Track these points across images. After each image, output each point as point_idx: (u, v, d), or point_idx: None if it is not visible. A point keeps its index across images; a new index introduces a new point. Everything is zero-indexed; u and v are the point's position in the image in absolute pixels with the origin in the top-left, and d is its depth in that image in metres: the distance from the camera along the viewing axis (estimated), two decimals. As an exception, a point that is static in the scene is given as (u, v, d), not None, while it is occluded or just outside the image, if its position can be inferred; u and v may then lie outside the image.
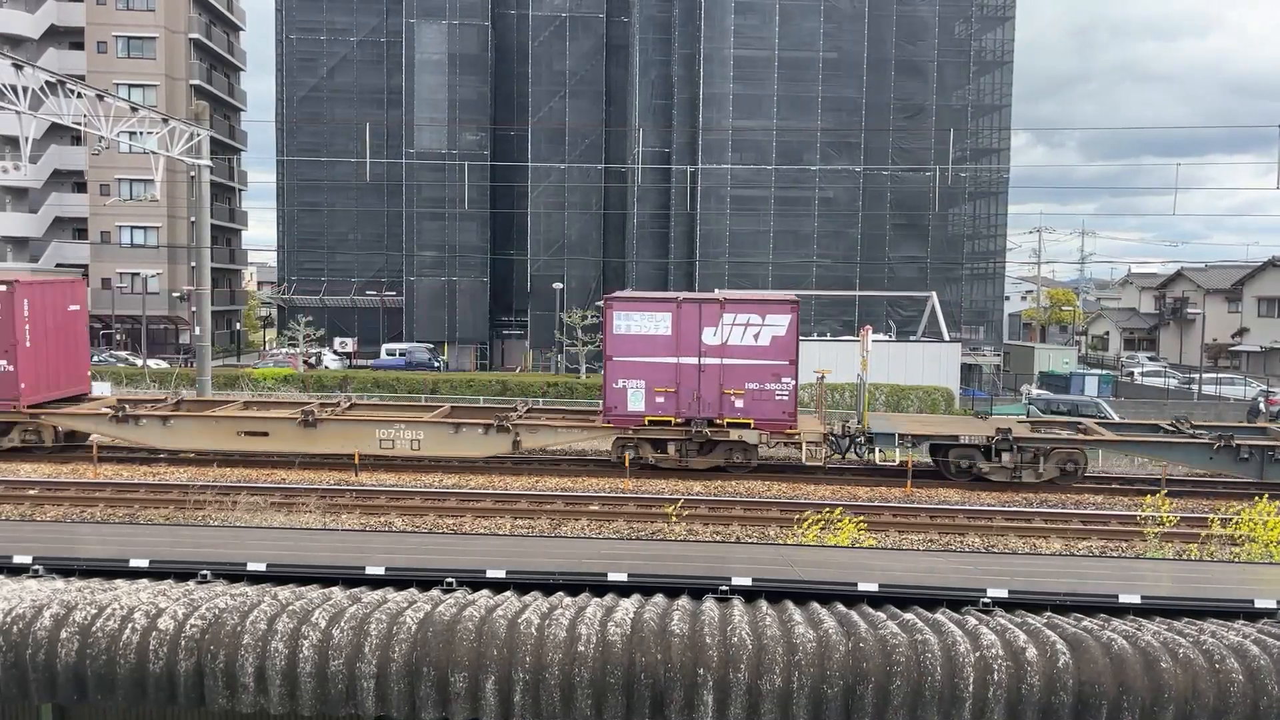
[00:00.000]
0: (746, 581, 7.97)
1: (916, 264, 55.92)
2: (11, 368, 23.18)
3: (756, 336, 22.55)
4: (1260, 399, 44.63)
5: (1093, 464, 23.09)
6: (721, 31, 53.64)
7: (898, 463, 23.24)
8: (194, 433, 23.38)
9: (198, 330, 33.21)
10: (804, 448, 22.91)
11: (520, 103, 60.56)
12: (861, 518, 17.71)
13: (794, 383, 22.70)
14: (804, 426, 23.19)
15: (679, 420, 22.84)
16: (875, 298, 52.52)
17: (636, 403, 22.77)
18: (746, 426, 22.75)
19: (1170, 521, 18.11)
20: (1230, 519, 17.80)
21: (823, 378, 25.05)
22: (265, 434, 23.11)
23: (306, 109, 62.13)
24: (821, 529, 16.23)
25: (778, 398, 22.65)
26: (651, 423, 22.89)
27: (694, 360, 22.62)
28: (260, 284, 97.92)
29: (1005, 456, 22.39)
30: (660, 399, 22.73)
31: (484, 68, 60.03)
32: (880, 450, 23.08)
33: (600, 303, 25.29)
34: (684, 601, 7.65)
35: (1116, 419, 29.24)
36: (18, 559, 8.33)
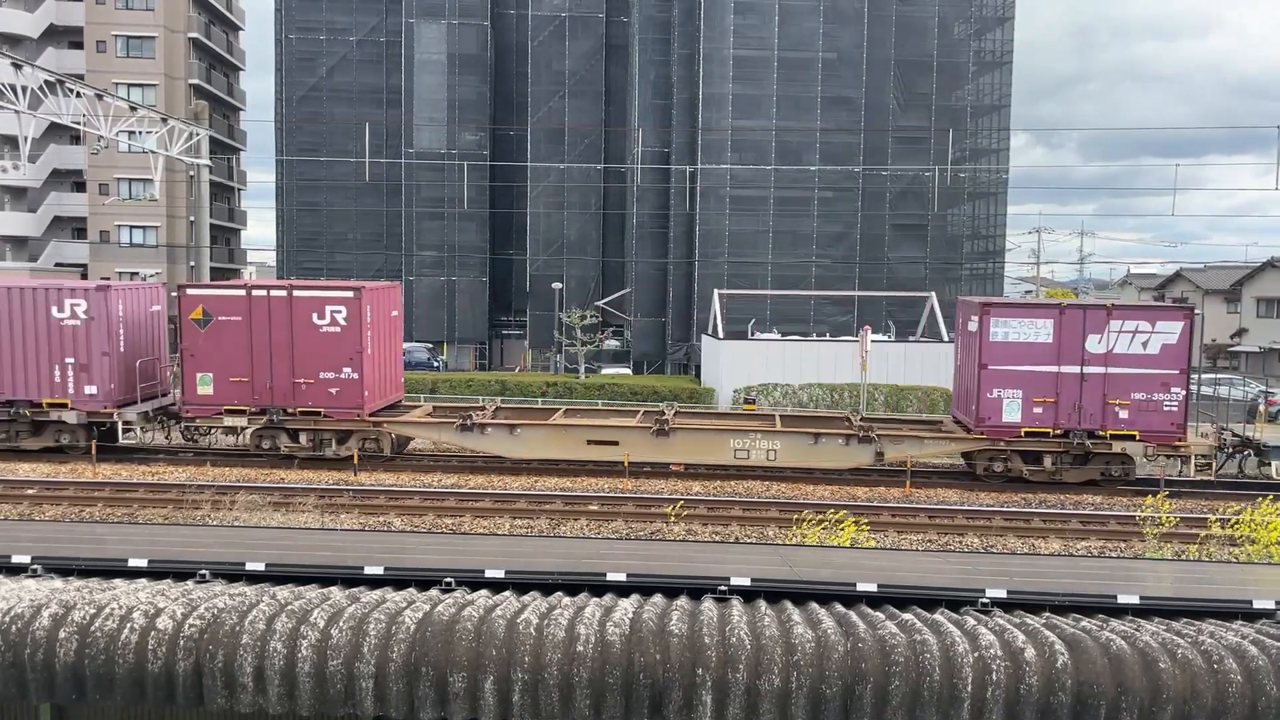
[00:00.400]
0: (745, 582, 7.97)
1: (916, 264, 55.89)
2: (356, 375, 23.03)
3: (1145, 345, 21.87)
4: (1259, 399, 44.62)
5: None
6: (721, 31, 53.62)
7: None
8: (541, 441, 23.15)
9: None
10: (1193, 461, 22.48)
11: (519, 102, 60.54)
12: (861, 518, 17.72)
13: (1184, 393, 22.01)
14: (1190, 438, 22.64)
15: (1057, 431, 22.28)
16: (874, 298, 52.52)
17: (1013, 413, 22.18)
18: (1131, 439, 22.17)
19: (1170, 522, 18.10)
20: (1229, 520, 17.81)
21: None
22: (615, 443, 22.87)
23: (306, 108, 62.07)
24: (822, 529, 16.24)
25: (1166, 408, 21.95)
26: (1028, 434, 22.38)
27: (1076, 369, 21.98)
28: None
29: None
30: (1038, 409, 22.19)
31: (483, 67, 60.00)
32: (1274, 463, 22.82)
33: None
34: (683, 602, 7.65)
35: None
36: (16, 559, 8.32)
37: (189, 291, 23.67)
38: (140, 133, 30.92)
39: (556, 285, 56.36)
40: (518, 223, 61.19)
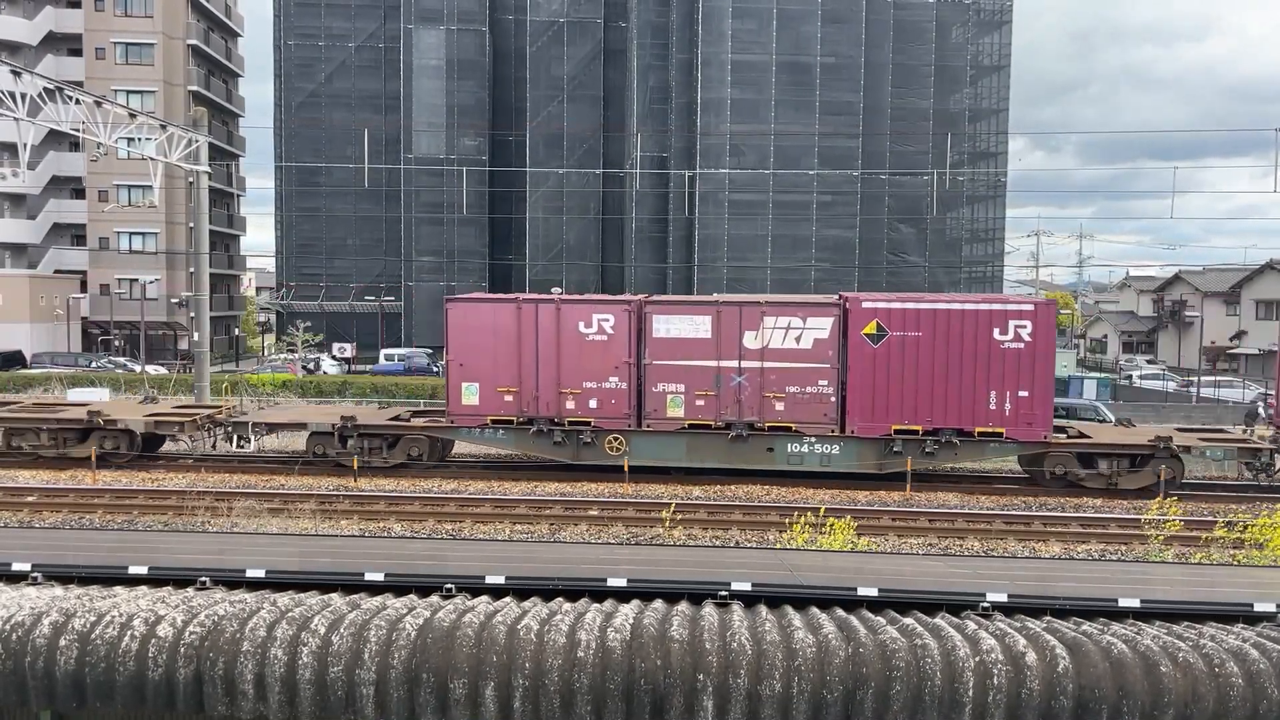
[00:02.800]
0: (746, 586, 7.97)
1: (915, 267, 55.98)
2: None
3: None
4: (1259, 402, 44.62)
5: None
6: (719, 36, 53.72)
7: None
8: None
9: (196, 336, 33.20)
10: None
11: (518, 107, 60.61)
12: (859, 521, 17.72)
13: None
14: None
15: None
16: (873, 302, 52.55)
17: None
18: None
19: (1175, 526, 18.08)
20: (1234, 523, 17.80)
21: None
22: None
23: (305, 114, 62.13)
24: (815, 530, 16.24)
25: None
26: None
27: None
28: (259, 289, 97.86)
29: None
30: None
31: (482, 73, 60.08)
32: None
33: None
34: (683, 607, 7.65)
35: (1114, 421, 29.17)
36: (16, 566, 8.32)
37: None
38: (139, 139, 30.96)
39: (556, 290, 56.34)
40: (517, 227, 61.23)
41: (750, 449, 22.84)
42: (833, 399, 22.51)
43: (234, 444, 24.52)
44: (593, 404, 22.92)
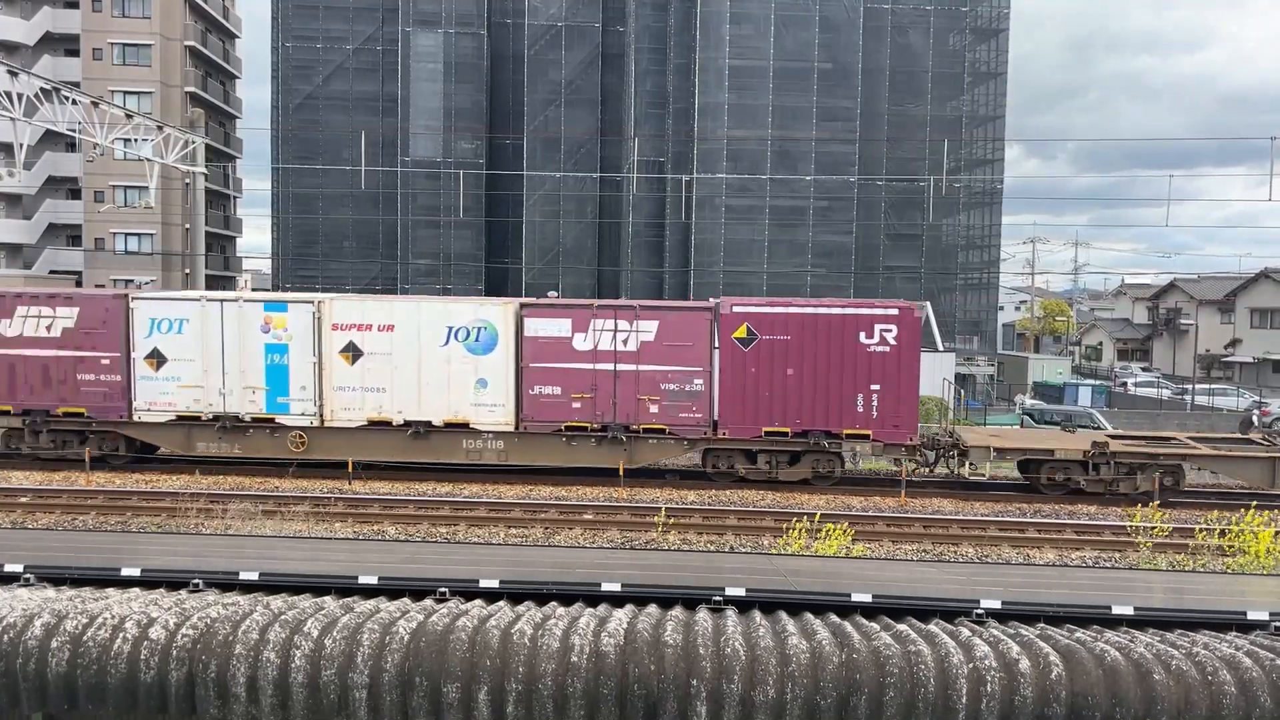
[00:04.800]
0: (740, 592, 7.97)
1: (910, 274, 56.05)
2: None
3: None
4: (1253, 410, 44.72)
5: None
6: (716, 41, 53.80)
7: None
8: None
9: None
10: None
11: (516, 111, 60.62)
12: (854, 527, 17.73)
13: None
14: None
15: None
16: (869, 307, 52.59)
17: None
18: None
19: (1163, 532, 18.12)
20: (1216, 529, 17.84)
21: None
22: None
23: (302, 116, 62.08)
24: (809, 536, 16.24)
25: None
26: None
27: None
28: (255, 291, 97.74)
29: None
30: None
31: (480, 76, 60.10)
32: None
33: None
34: (677, 612, 7.64)
35: (1109, 429, 29.24)
36: (9, 567, 8.30)
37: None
38: (136, 140, 30.92)
39: (552, 293, 56.38)
40: (514, 231, 61.23)
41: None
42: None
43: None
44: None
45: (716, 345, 22.70)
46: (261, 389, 23.37)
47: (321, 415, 23.38)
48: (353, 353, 23.23)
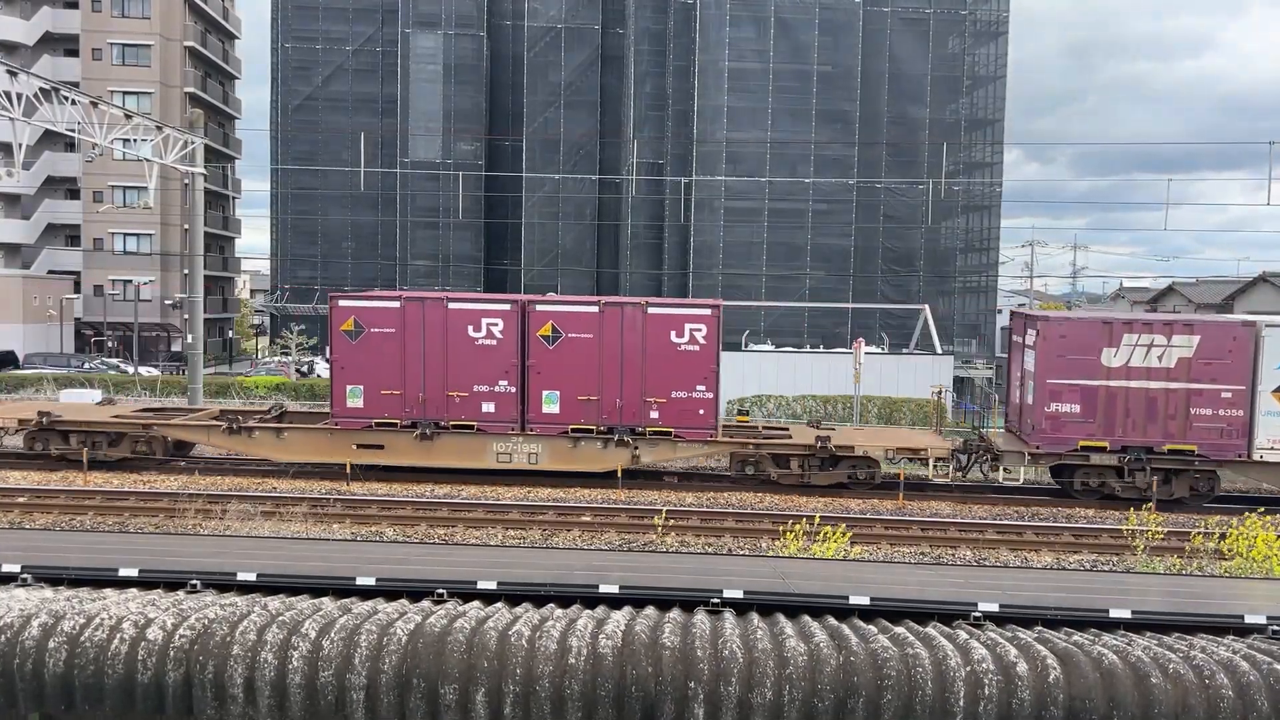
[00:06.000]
0: (738, 594, 7.96)
1: (909, 277, 56.07)
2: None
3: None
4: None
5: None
6: (716, 43, 53.85)
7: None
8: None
9: (190, 338, 33.12)
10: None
11: (515, 113, 60.63)
12: (852, 529, 17.73)
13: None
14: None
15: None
16: (868, 310, 52.62)
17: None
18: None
19: (1158, 535, 18.13)
20: (1214, 533, 17.85)
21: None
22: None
23: (301, 117, 62.09)
24: (808, 538, 16.25)
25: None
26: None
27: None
28: (253, 292, 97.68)
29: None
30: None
31: (479, 77, 60.12)
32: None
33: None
34: (675, 614, 7.64)
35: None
36: (6, 567, 8.29)
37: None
38: (135, 140, 30.92)
39: (551, 294, 56.39)
40: (513, 233, 61.24)
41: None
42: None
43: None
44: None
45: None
46: None
47: None
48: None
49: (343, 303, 23.53)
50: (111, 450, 23.81)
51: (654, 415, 22.90)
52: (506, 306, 23.18)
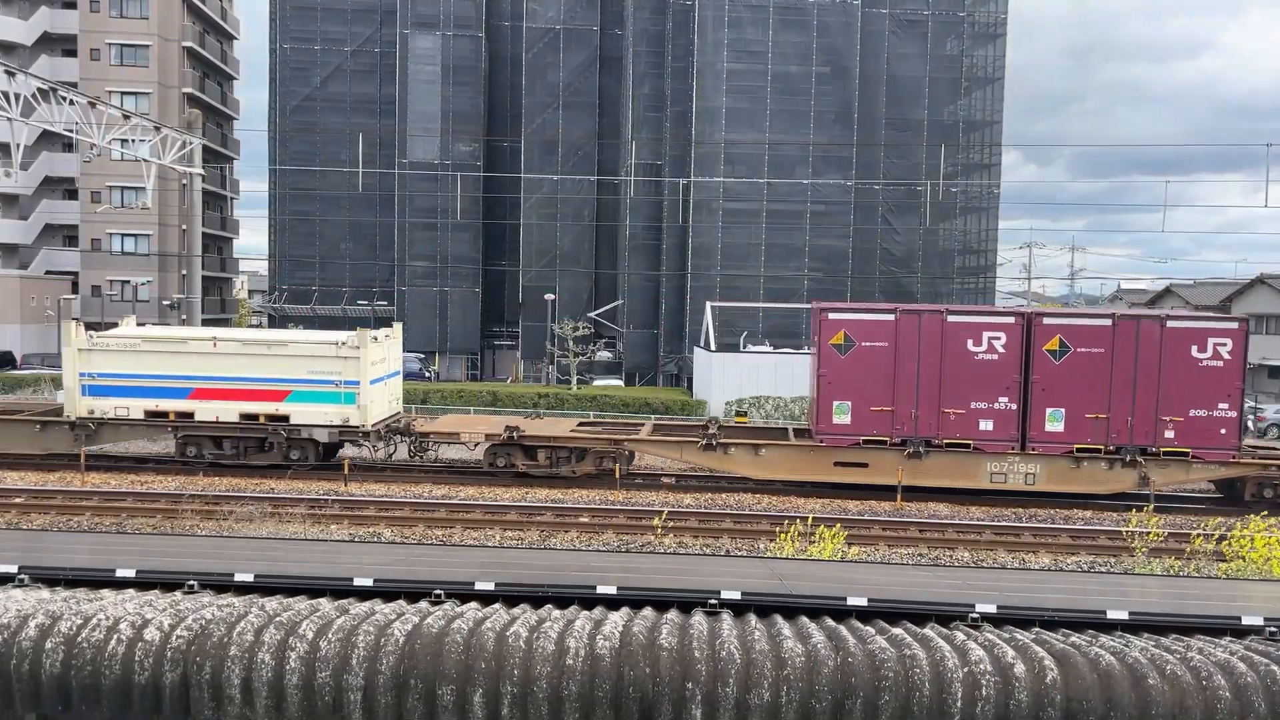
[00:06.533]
0: (735, 595, 7.96)
1: (907, 278, 56.09)
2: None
3: None
4: (1248, 415, 44.78)
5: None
6: (714, 45, 53.84)
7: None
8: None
9: (188, 338, 33.00)
10: None
11: (514, 114, 60.63)
12: (849, 530, 17.74)
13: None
14: None
15: None
16: (866, 311, 52.60)
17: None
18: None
19: (1157, 536, 18.14)
20: (1213, 534, 17.85)
21: None
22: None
23: (299, 118, 62.05)
24: (805, 539, 16.25)
25: None
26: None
27: None
28: (251, 292, 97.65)
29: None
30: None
31: (478, 78, 60.11)
32: None
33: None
34: (673, 615, 7.64)
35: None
36: (3, 568, 8.27)
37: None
38: (133, 141, 30.91)
39: (549, 296, 56.37)
40: (511, 233, 61.22)
41: None
42: None
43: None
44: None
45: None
46: None
47: None
48: None
49: (832, 315, 22.62)
50: (578, 466, 23.63)
51: (1169, 435, 21.86)
52: (1010, 320, 22.34)
